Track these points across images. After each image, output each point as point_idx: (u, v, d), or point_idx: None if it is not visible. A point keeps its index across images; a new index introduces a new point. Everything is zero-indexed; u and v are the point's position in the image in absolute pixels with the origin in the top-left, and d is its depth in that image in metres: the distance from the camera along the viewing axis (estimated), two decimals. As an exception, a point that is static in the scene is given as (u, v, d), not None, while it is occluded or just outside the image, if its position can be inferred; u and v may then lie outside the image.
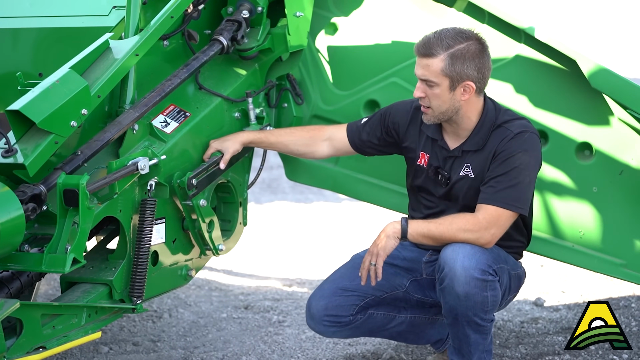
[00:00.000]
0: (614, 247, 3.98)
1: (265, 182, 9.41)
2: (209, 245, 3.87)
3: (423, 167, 3.77)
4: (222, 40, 3.87)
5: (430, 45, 3.54)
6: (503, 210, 3.54)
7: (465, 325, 3.57)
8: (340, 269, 3.91)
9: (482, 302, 3.53)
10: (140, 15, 3.63)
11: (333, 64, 4.36)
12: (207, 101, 3.90)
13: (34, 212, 3.18)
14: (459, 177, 3.68)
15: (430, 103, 3.60)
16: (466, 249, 3.51)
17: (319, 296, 3.83)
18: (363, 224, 7.61)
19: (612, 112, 3.91)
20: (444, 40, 3.53)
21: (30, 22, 3.89)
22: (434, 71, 3.54)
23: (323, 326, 3.82)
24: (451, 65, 3.52)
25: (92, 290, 3.49)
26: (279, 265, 6.47)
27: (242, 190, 4.11)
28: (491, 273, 3.54)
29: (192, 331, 4.79)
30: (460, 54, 3.52)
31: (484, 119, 3.64)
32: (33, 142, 3.22)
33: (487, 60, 3.60)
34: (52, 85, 3.25)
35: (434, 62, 3.54)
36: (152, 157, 3.53)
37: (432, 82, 3.56)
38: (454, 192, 3.70)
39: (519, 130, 3.60)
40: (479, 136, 3.64)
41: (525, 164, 3.57)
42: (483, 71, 3.58)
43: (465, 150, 3.67)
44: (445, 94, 3.57)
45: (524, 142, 3.59)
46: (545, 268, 5.93)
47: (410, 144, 3.82)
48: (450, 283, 3.51)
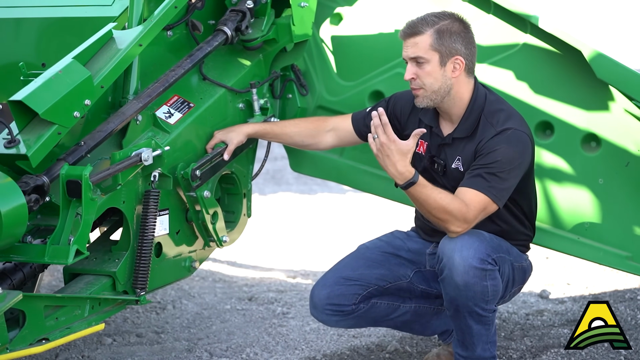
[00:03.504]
0: (619, 240, 3.96)
1: (269, 173, 9.41)
2: (213, 237, 3.86)
3: (422, 154, 3.77)
4: (226, 31, 3.86)
5: (415, 25, 3.59)
6: (477, 194, 3.48)
7: (466, 316, 3.56)
8: (345, 259, 3.91)
9: (482, 291, 3.51)
10: (143, 5, 3.63)
11: (338, 55, 4.34)
12: (211, 92, 3.89)
13: (36, 203, 3.17)
14: (452, 168, 3.67)
15: (422, 83, 3.60)
16: (464, 239, 3.50)
17: (321, 285, 3.83)
18: (367, 216, 7.61)
19: (617, 103, 3.89)
20: (428, 18, 3.59)
21: (33, 11, 3.87)
22: (423, 47, 3.57)
23: (325, 315, 3.82)
24: (439, 39, 3.55)
25: (96, 282, 3.48)
26: (283, 257, 6.46)
27: (246, 182, 4.09)
28: (490, 262, 3.52)
29: (196, 323, 4.78)
30: (447, 29, 3.56)
31: (473, 103, 3.64)
32: (36, 132, 3.21)
33: (473, 38, 3.63)
34: (55, 75, 3.24)
35: (422, 38, 3.57)
36: (156, 148, 3.52)
37: (422, 58, 3.57)
38: (452, 184, 3.65)
39: (501, 128, 3.57)
40: (468, 122, 3.64)
41: (508, 159, 3.52)
42: (470, 47, 3.61)
43: (456, 137, 3.66)
44: (436, 69, 3.57)
45: (507, 137, 3.55)
46: (551, 260, 5.93)
47: (410, 132, 3.80)
48: (449, 273, 3.50)
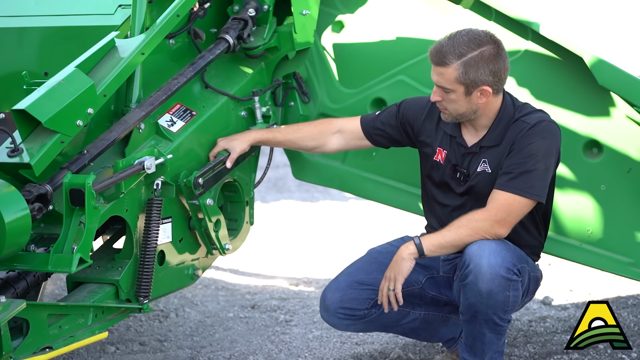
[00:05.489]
0: (622, 246, 3.96)
1: (272, 180, 9.42)
2: (216, 245, 3.86)
3: (440, 163, 3.75)
4: (228, 39, 3.87)
5: (444, 54, 3.51)
6: (515, 197, 3.50)
7: (482, 324, 3.54)
8: (357, 263, 3.90)
9: (504, 301, 3.49)
10: (146, 14, 3.63)
11: (340, 62, 4.34)
12: (214, 100, 3.89)
13: (40, 211, 3.17)
14: (477, 172, 3.66)
15: (446, 107, 3.60)
16: (492, 246, 3.48)
17: (334, 288, 3.81)
18: (369, 223, 7.61)
19: (619, 109, 3.89)
20: (457, 48, 3.49)
21: (35, 21, 3.88)
22: (448, 80, 3.52)
23: (337, 318, 3.81)
24: (465, 73, 3.49)
25: (99, 290, 3.48)
26: (285, 265, 6.46)
27: (248, 189, 4.09)
28: (516, 272, 3.50)
29: (199, 331, 4.78)
30: (474, 62, 3.49)
31: (502, 114, 3.63)
32: (39, 141, 3.21)
33: (503, 62, 3.56)
34: (58, 84, 3.24)
35: (447, 70, 3.51)
36: (159, 156, 3.52)
37: (447, 89, 3.54)
38: (474, 189, 3.67)
39: (535, 121, 3.58)
40: (497, 131, 3.63)
41: (543, 151, 3.54)
42: (499, 74, 3.54)
43: (483, 146, 3.66)
44: (461, 99, 3.55)
45: (540, 130, 3.56)
46: (553, 267, 5.92)
47: (426, 138, 3.80)
48: (474, 279, 3.47)
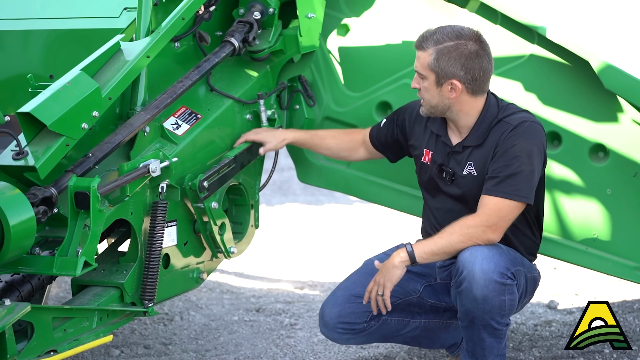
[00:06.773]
0: (627, 250, 3.94)
1: (276, 184, 9.40)
2: (221, 248, 3.86)
3: (427, 164, 3.76)
4: (233, 42, 3.87)
5: (424, 39, 3.60)
6: (503, 200, 3.51)
7: (481, 329, 3.55)
8: (352, 276, 3.88)
9: (500, 306, 3.50)
10: (151, 17, 3.63)
11: (345, 65, 4.34)
12: (219, 103, 3.89)
13: (44, 214, 3.17)
14: (462, 175, 3.66)
15: (423, 96, 3.64)
16: (484, 252, 3.48)
17: (332, 303, 3.80)
18: (374, 226, 7.60)
19: (626, 113, 3.88)
20: (437, 35, 3.57)
21: (41, 24, 3.88)
22: (423, 64, 3.59)
23: (337, 333, 3.80)
24: (436, 60, 3.55)
25: (104, 293, 3.48)
26: (290, 268, 6.45)
27: (253, 193, 4.09)
28: (509, 276, 3.50)
29: (204, 334, 4.77)
30: (447, 52, 3.54)
31: (484, 115, 3.63)
32: (44, 144, 3.21)
33: (481, 62, 3.56)
34: (63, 87, 3.24)
35: (423, 55, 3.58)
36: (164, 160, 3.53)
37: (421, 74, 3.60)
38: (461, 192, 3.67)
39: (518, 122, 3.58)
40: (479, 132, 3.63)
41: (527, 153, 3.54)
42: (473, 72, 3.55)
43: (466, 146, 3.66)
44: (432, 88, 3.59)
45: (523, 131, 3.57)
46: (559, 271, 5.91)
47: (415, 141, 3.81)
48: (468, 286, 3.48)
